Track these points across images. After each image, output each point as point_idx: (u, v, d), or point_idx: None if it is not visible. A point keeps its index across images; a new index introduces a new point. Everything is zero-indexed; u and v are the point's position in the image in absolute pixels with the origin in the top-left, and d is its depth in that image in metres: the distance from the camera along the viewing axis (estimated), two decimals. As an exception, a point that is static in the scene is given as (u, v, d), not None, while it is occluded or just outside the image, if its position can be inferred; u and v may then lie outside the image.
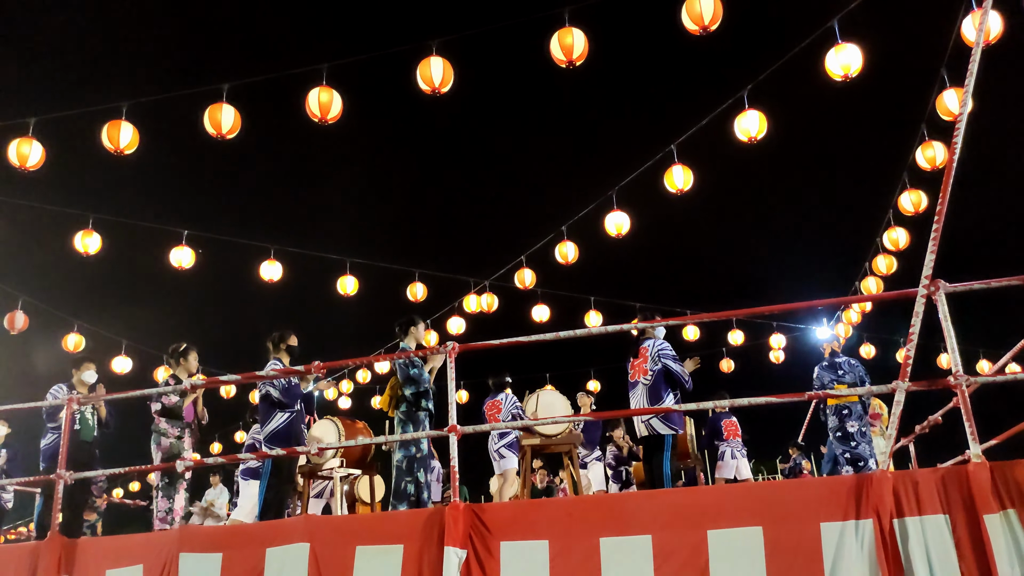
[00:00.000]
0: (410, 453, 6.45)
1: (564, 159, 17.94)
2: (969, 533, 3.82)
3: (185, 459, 6.72)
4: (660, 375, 6.79)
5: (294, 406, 6.57)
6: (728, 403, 5.86)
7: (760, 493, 4.63)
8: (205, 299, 17.21)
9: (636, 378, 6.98)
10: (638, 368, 7.00)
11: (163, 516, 6.70)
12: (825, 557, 3.95)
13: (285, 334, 6.96)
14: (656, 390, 6.77)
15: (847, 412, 7.76)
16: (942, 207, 4.50)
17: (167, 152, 13.40)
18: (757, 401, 4.80)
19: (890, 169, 11.13)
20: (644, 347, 6.94)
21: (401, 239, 18.70)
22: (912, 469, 7.22)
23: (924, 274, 4.40)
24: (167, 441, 6.88)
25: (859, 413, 7.78)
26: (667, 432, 6.76)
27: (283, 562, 4.84)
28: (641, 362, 6.92)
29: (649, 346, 6.91)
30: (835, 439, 7.89)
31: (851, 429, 7.71)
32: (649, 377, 6.83)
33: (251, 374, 6.28)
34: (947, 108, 8.28)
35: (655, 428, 6.77)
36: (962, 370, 4.25)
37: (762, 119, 8.38)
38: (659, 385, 6.77)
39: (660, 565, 4.17)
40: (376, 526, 5.02)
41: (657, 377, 6.80)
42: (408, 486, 6.37)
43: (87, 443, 7.14)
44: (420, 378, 6.56)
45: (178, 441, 6.93)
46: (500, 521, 4.58)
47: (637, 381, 6.93)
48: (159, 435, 6.89)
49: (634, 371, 7.07)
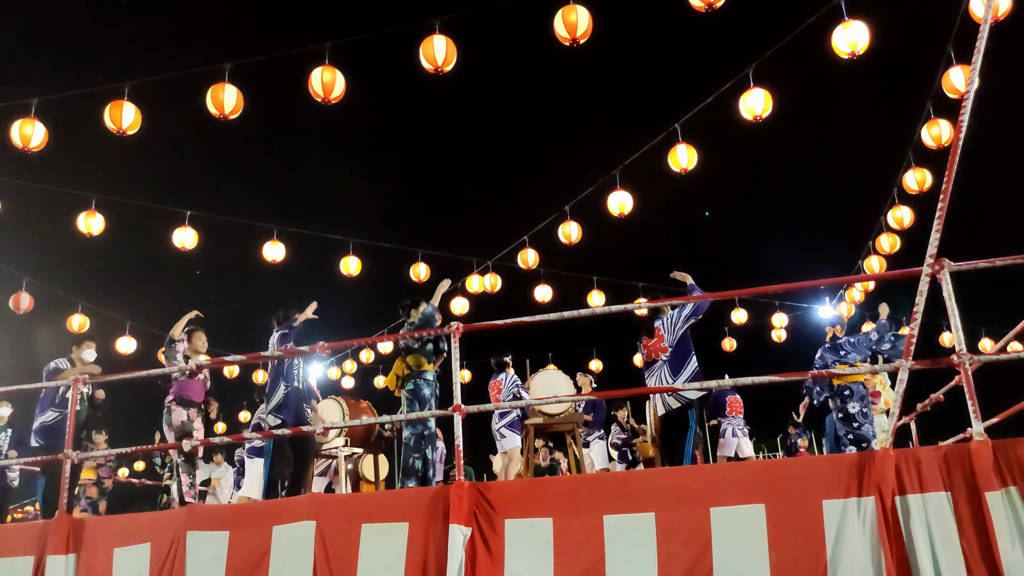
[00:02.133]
0: (417, 431, 6.54)
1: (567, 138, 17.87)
2: (971, 510, 3.84)
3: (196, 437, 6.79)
4: (679, 344, 6.68)
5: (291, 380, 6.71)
6: (731, 382, 5.88)
7: (762, 471, 4.66)
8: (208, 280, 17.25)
9: (654, 357, 6.84)
10: (654, 348, 6.89)
11: (187, 490, 6.82)
12: (827, 534, 3.98)
13: (289, 312, 7.05)
14: (678, 360, 6.64)
15: (849, 393, 7.68)
16: (947, 185, 4.48)
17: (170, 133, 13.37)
18: (760, 380, 4.81)
19: (895, 147, 11.07)
20: (657, 326, 6.87)
21: (404, 219, 18.71)
22: (914, 447, 7.24)
23: (928, 253, 4.39)
24: (179, 419, 6.93)
25: (861, 394, 7.72)
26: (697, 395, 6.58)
27: (289, 540, 4.89)
28: (657, 341, 6.84)
29: (662, 323, 6.84)
30: (838, 420, 7.85)
31: (852, 410, 7.66)
32: (668, 354, 6.72)
33: (256, 354, 6.32)
34: (953, 86, 8.21)
35: (684, 395, 6.55)
36: (965, 349, 4.26)
37: (767, 97, 8.32)
38: (680, 354, 6.65)
39: (663, 542, 4.20)
40: (381, 504, 5.06)
41: (676, 348, 6.68)
42: (415, 462, 6.47)
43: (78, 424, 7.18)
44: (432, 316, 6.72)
45: (189, 421, 6.98)
46: (504, 499, 4.62)
47: (655, 360, 6.80)
48: (170, 414, 6.95)
49: (649, 351, 6.95)
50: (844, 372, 7.28)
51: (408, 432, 6.54)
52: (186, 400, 7.01)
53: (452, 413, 5.03)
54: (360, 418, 8.79)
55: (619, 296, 14.32)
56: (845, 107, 14.71)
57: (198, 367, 6.70)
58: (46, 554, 5.40)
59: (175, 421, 6.91)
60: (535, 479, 8.35)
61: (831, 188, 17.92)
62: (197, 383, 7.13)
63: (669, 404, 6.66)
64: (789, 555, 3.99)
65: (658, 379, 6.75)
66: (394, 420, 8.10)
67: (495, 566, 4.43)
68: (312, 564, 4.72)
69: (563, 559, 4.34)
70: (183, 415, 6.94)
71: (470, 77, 11.05)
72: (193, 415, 7.03)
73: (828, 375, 7.29)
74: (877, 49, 7.41)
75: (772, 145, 14.60)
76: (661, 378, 6.71)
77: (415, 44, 7.51)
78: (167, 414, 6.97)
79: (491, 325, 5.44)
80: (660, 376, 6.72)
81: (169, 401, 6.99)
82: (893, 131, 11.61)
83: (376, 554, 4.68)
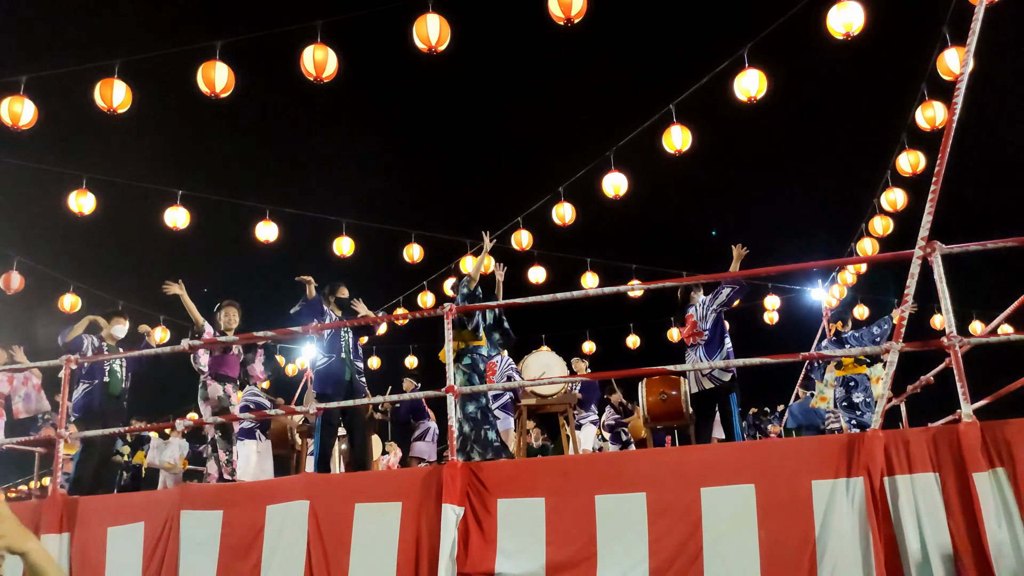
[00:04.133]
0: (482, 404, 6.61)
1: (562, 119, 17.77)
2: (958, 491, 3.88)
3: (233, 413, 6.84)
4: (714, 328, 6.94)
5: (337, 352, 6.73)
6: (723, 363, 5.91)
7: (753, 451, 4.70)
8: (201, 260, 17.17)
9: (692, 341, 7.12)
10: (689, 334, 7.18)
11: (225, 467, 6.88)
12: (816, 514, 4.02)
13: (335, 286, 7.04)
14: (713, 343, 6.91)
15: (853, 384, 8.05)
16: (940, 168, 4.48)
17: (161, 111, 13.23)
18: (752, 361, 4.84)
19: (889, 129, 11.06)
20: (689, 314, 7.11)
21: (398, 200, 18.60)
22: (903, 428, 7.31)
23: (920, 235, 4.41)
24: (215, 394, 6.95)
25: (865, 385, 8.09)
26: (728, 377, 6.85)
27: (283, 519, 4.91)
28: (690, 328, 7.11)
29: (694, 311, 7.09)
30: (841, 408, 8.23)
31: (857, 400, 8.02)
32: (704, 337, 6.99)
33: (249, 335, 6.31)
34: (948, 68, 8.19)
35: (717, 376, 6.85)
36: (956, 331, 4.29)
37: (762, 78, 8.29)
38: (715, 338, 6.91)
39: (654, 521, 4.24)
40: (375, 484, 5.09)
41: (712, 332, 6.95)
42: (488, 433, 6.52)
43: (115, 396, 7.18)
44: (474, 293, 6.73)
45: (226, 396, 7.00)
46: (497, 479, 4.65)
47: (695, 343, 7.07)
48: (206, 389, 6.97)
49: (687, 338, 7.26)
50: (836, 354, 7.38)
51: (473, 406, 6.56)
52: (222, 375, 7.04)
53: (445, 394, 5.05)
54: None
55: (612, 278, 14.33)
56: (840, 89, 14.66)
57: (191, 347, 6.68)
58: (39, 533, 5.41)
59: (212, 396, 6.94)
60: (528, 459, 8.40)
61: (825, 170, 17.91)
62: (232, 358, 7.16)
63: (702, 384, 6.94)
64: (778, 534, 4.04)
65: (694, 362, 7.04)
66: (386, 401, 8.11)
67: (488, 545, 4.47)
68: (306, 543, 4.75)
69: (555, 538, 4.39)
70: (219, 390, 6.97)
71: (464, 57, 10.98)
72: (229, 390, 7.05)
73: (819, 356, 7.39)
74: (872, 30, 7.39)
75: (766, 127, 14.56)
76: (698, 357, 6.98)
77: (408, 23, 7.45)
78: (203, 389, 7.00)
79: (484, 306, 5.45)
80: (697, 358, 7.00)
81: (205, 376, 7.02)
82: (887, 113, 11.62)
83: (369, 533, 4.71)
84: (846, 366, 8.15)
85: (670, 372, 6.83)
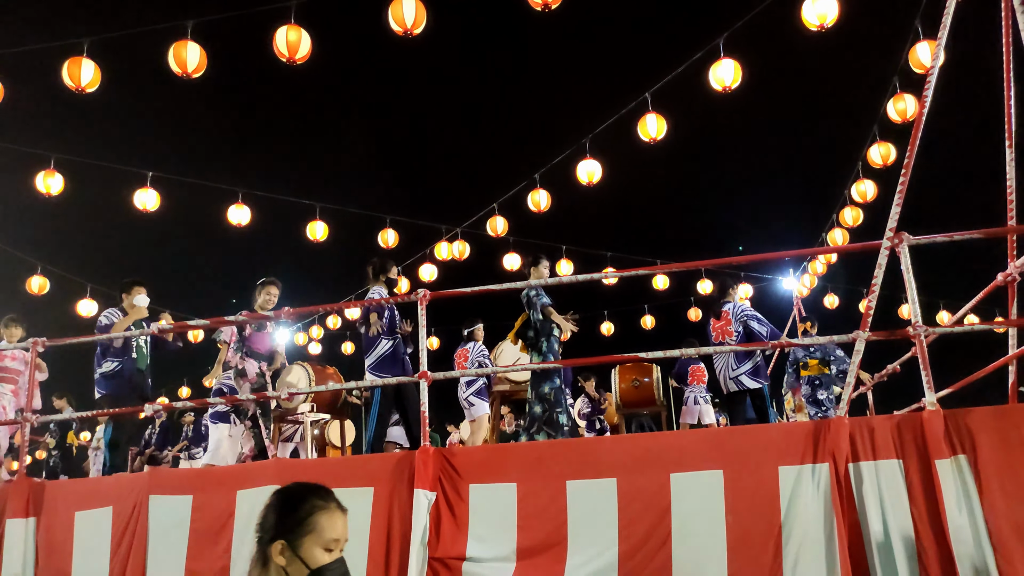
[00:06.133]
0: (555, 384, 6.61)
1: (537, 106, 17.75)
2: (921, 478, 3.95)
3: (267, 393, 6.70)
4: (746, 336, 7.33)
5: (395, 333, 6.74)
6: (695, 351, 5.96)
7: (721, 438, 4.75)
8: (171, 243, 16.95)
9: (720, 339, 7.51)
10: (721, 330, 7.53)
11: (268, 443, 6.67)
12: (782, 499, 4.08)
13: (387, 264, 6.98)
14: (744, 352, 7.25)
15: (818, 383, 8.79)
16: (909, 160, 4.55)
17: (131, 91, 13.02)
18: (721, 349, 4.89)
19: (861, 121, 11.17)
20: (726, 310, 7.36)
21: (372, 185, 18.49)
22: (869, 416, 7.44)
23: (889, 226, 4.47)
24: (253, 371, 6.85)
25: (828, 384, 8.83)
26: (755, 386, 7.27)
27: (253, 504, 4.88)
28: (724, 324, 7.34)
29: (730, 309, 7.31)
30: (809, 403, 8.93)
31: (821, 397, 8.75)
32: (734, 339, 7.36)
33: (220, 319, 6.24)
34: (920, 61, 8.29)
35: (743, 383, 7.25)
36: (922, 321, 4.36)
37: (737, 68, 8.32)
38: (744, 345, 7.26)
39: (624, 507, 4.28)
40: (346, 470, 5.08)
41: (741, 338, 7.34)
42: (560, 416, 6.52)
43: (141, 371, 7.12)
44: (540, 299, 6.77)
45: (261, 373, 6.91)
46: (469, 465, 4.66)
47: (721, 343, 7.45)
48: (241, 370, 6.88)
49: (716, 333, 7.63)
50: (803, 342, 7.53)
51: (548, 387, 6.56)
52: (256, 352, 6.97)
53: (418, 380, 5.05)
54: (327, 383, 8.79)
55: (587, 265, 14.38)
56: (814, 79, 14.77)
57: (161, 330, 6.59)
58: (5, 517, 5.34)
59: (249, 373, 6.86)
60: (500, 445, 8.43)
61: (798, 160, 18.09)
62: (264, 335, 7.08)
63: (729, 387, 7.42)
64: (745, 520, 4.09)
65: (724, 362, 7.43)
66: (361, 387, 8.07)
67: (459, 530, 4.48)
68: (276, 528, 4.72)
69: (526, 523, 4.41)
70: (255, 367, 6.90)
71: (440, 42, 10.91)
72: (264, 367, 6.98)
73: (788, 344, 7.57)
74: (846, 22, 7.44)
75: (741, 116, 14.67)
76: (728, 361, 7.39)
77: (384, 5, 7.37)
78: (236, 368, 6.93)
79: (458, 292, 5.44)
80: (727, 360, 7.39)
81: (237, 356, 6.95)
82: (860, 104, 11.73)
83: (341, 519, 4.70)
84: (811, 367, 8.83)
85: (643, 359, 6.89)
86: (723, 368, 7.49)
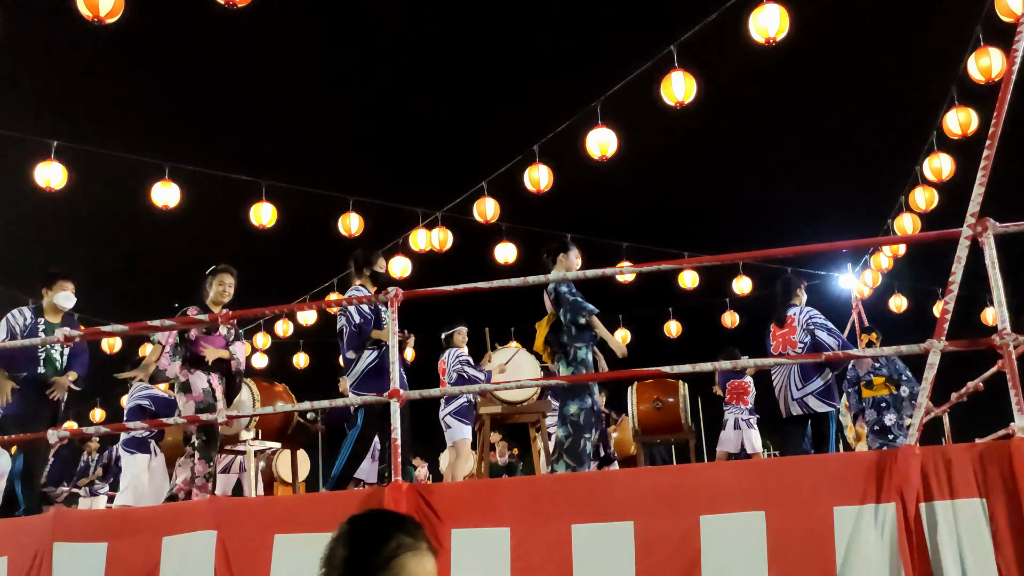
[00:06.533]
0: (586, 405, 6.59)
1: (538, 63, 17.73)
2: (1009, 520, 3.95)
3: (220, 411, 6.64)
4: (813, 347, 7.20)
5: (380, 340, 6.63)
6: (730, 364, 5.98)
7: (763, 472, 4.75)
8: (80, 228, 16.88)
9: (781, 350, 7.40)
10: (783, 339, 7.43)
11: (201, 483, 6.58)
12: (838, 547, 4.08)
13: (372, 255, 6.86)
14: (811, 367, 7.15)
15: (884, 405, 8.72)
16: (996, 129, 4.54)
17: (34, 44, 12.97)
18: (766, 362, 4.90)
19: (936, 81, 11.19)
20: (791, 315, 7.31)
21: (332, 159, 18.45)
22: (945, 445, 7.46)
23: (970, 211, 4.47)
24: (200, 386, 6.75)
25: (896, 406, 8.73)
26: (825, 409, 7.15)
27: (184, 553, 4.87)
28: (787, 332, 7.28)
29: (796, 314, 7.27)
30: (871, 432, 8.86)
31: (888, 423, 8.68)
32: (799, 350, 7.26)
33: (142, 323, 6.21)
34: (1008, 7, 8.32)
35: (809, 405, 7.13)
36: (1010, 327, 4.36)
37: (783, 15, 8.30)
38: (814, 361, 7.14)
39: (642, 557, 4.27)
40: (299, 510, 5.07)
41: (809, 349, 7.22)
42: (586, 444, 6.51)
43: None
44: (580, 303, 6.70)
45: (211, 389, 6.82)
46: (451, 504, 4.65)
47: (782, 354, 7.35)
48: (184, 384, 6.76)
49: (777, 342, 7.51)
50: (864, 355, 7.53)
51: (575, 407, 6.54)
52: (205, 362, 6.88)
53: (388, 399, 5.04)
54: (275, 404, 8.74)
55: (597, 258, 14.37)
56: (877, 30, 14.80)
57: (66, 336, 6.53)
58: None
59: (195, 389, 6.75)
60: (489, 480, 8.43)
61: (857, 132, 18.08)
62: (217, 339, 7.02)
63: (791, 410, 7.28)
64: (792, 571, 4.10)
65: (786, 378, 7.30)
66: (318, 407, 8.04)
67: (438, 585, 4.47)
68: (212, 584, 4.71)
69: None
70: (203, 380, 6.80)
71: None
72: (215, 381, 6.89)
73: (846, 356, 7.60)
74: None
75: (786, 76, 14.65)
76: (791, 378, 7.26)
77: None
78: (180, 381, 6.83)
79: (438, 292, 5.43)
80: (790, 375, 7.27)
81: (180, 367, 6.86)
82: (934, 62, 11.75)
83: (291, 572, 4.69)
84: (876, 385, 8.81)
85: (666, 375, 6.89)
86: (784, 385, 7.35)
